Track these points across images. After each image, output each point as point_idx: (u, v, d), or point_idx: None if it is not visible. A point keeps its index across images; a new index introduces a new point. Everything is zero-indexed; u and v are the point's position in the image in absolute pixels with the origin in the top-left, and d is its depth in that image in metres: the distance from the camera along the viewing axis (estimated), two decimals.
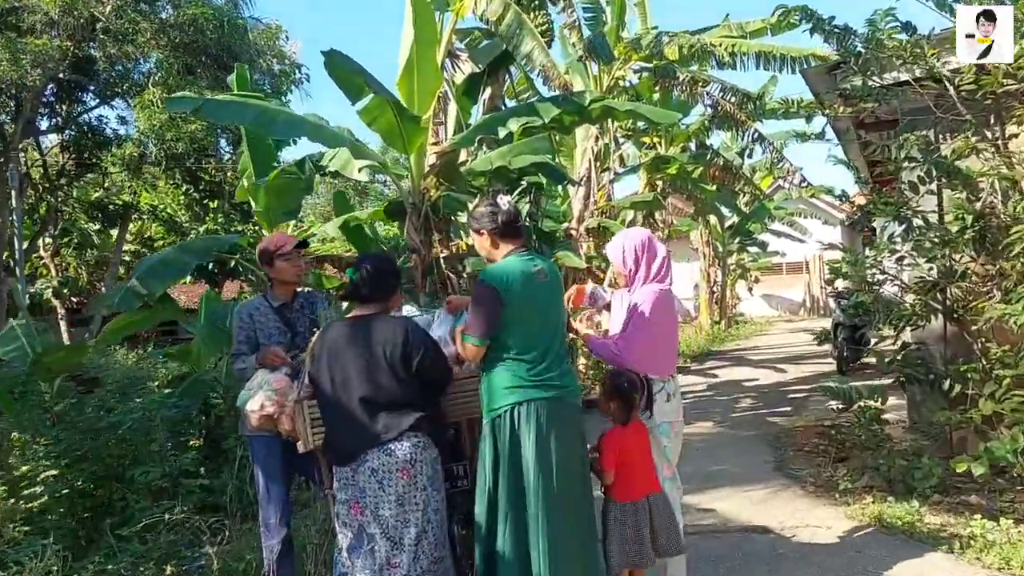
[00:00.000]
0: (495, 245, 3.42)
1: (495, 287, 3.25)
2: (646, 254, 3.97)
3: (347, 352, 3.26)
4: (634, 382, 3.59)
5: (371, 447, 3.20)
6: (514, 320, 3.25)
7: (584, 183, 11.92)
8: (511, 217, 3.39)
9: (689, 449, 7.15)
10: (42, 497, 4.99)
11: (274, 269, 4.12)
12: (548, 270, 3.38)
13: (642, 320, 3.84)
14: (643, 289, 3.90)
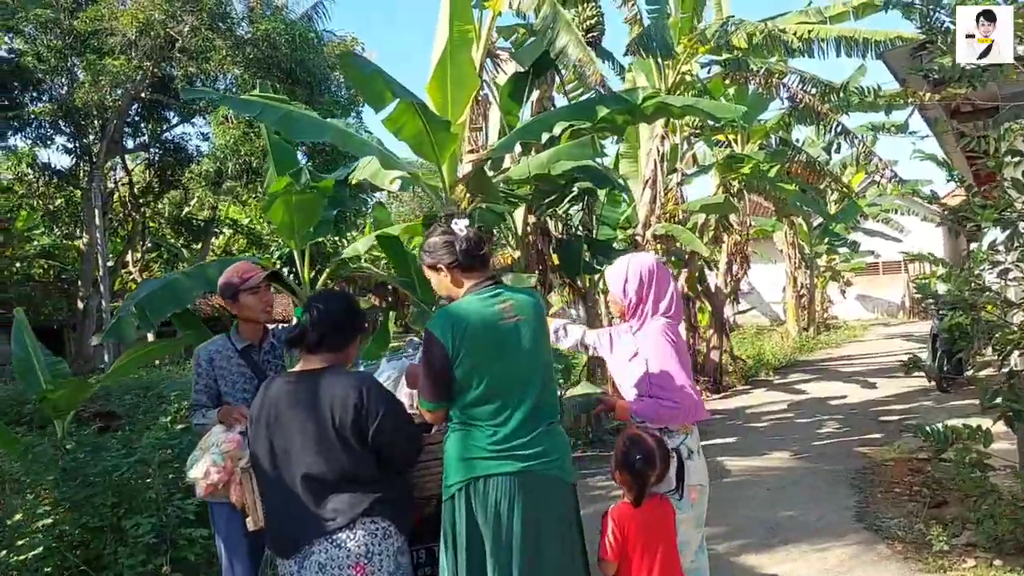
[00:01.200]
0: (457, 282, 2.77)
1: (440, 340, 2.61)
2: (653, 286, 3.29)
3: (289, 416, 2.63)
4: (650, 457, 2.85)
5: (317, 536, 2.57)
6: (469, 375, 2.59)
7: (650, 185, 11.11)
8: (472, 245, 2.73)
9: (757, 490, 6.34)
10: (36, 548, 4.63)
11: (238, 305, 3.51)
12: (520, 306, 2.69)
13: (674, 359, 3.18)
14: (653, 325, 3.23)
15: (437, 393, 2.65)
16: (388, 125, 6.15)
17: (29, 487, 5.29)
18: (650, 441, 2.88)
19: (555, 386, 2.81)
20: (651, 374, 3.14)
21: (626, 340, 3.32)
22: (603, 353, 3.50)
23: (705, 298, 13.67)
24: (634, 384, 3.22)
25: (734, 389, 13.20)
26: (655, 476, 2.86)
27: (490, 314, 2.64)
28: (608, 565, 2.88)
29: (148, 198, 24.02)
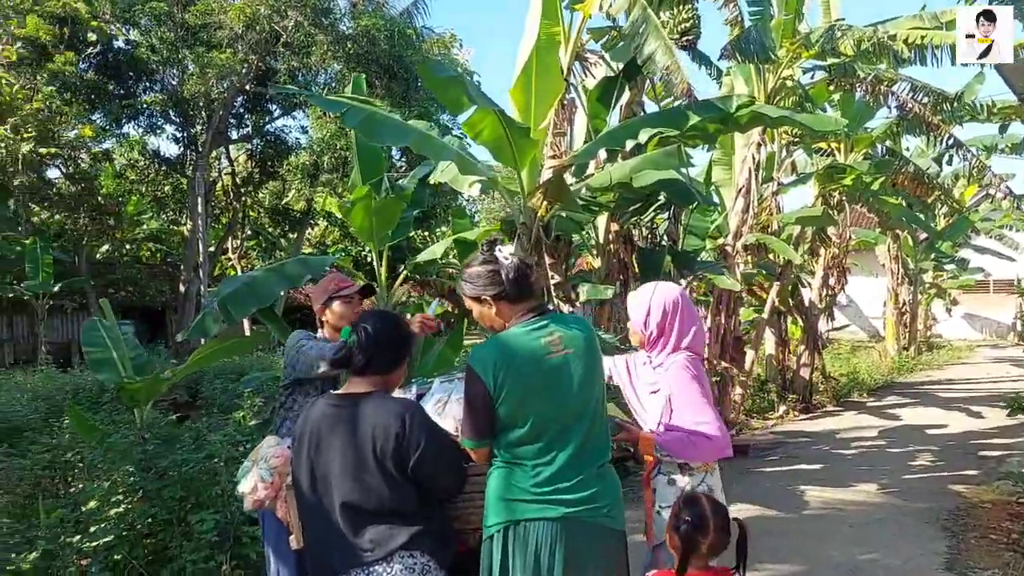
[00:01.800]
0: (502, 314, 2.60)
1: (480, 376, 2.45)
2: (676, 319, 3.10)
3: (330, 440, 2.53)
4: (702, 522, 2.51)
5: (353, 567, 2.47)
6: (513, 413, 2.44)
7: (743, 194, 10.71)
8: (519, 275, 2.56)
9: (838, 526, 5.98)
10: (108, 536, 4.74)
11: (329, 311, 3.62)
12: (569, 339, 2.51)
13: (698, 394, 3.01)
14: (674, 359, 3.05)
15: (479, 431, 2.51)
16: (467, 130, 6.08)
17: (105, 475, 5.43)
18: (706, 505, 2.58)
19: (606, 426, 2.63)
20: (675, 409, 2.99)
21: (644, 372, 3.16)
22: (618, 381, 3.31)
23: (797, 312, 13.15)
24: (657, 418, 3.06)
25: (824, 410, 12.64)
26: (706, 546, 2.52)
27: (536, 348, 2.48)
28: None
29: (249, 188, 24.76)
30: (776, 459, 8.73)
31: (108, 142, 22.63)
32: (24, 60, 17.99)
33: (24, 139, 17.31)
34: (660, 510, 2.98)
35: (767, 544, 5.62)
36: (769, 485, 7.42)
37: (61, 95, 18.53)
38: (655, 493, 3.03)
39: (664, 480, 3.02)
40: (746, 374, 11.76)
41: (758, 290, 12.43)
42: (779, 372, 13.22)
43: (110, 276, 23.12)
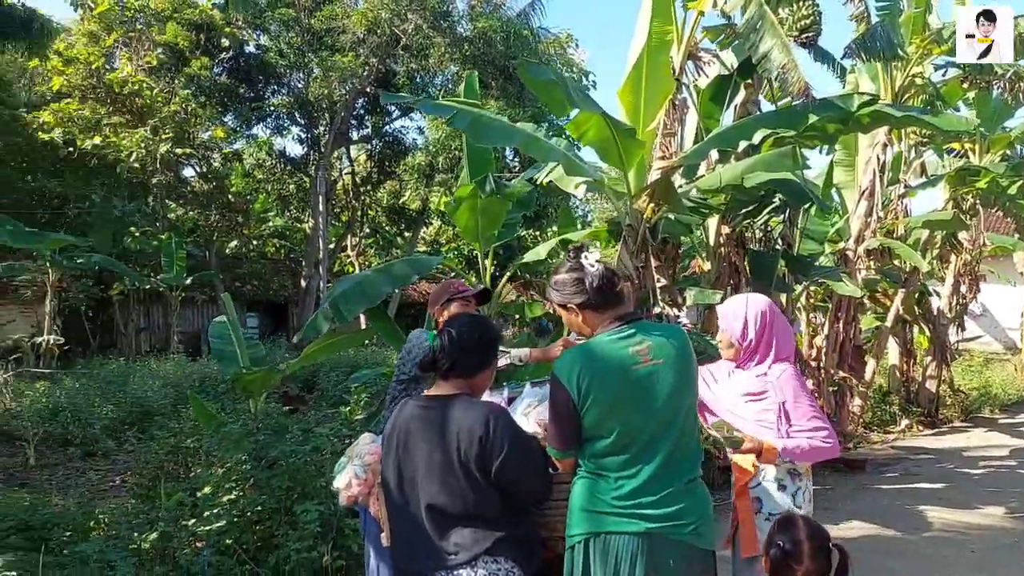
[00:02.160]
0: (589, 322, 2.56)
1: (565, 385, 2.42)
2: (771, 329, 3.14)
3: (416, 442, 2.57)
4: (795, 548, 2.41)
5: (438, 569, 2.49)
6: (597, 424, 2.40)
7: (867, 197, 10.24)
8: (604, 283, 2.51)
9: (960, 551, 5.63)
10: (220, 521, 4.96)
11: (447, 311, 3.63)
12: (659, 348, 2.44)
13: (810, 399, 3.12)
14: (781, 368, 3.11)
15: (564, 440, 2.49)
16: (571, 131, 6.05)
17: (220, 462, 5.69)
18: (803, 529, 2.46)
19: (697, 439, 2.56)
20: (791, 415, 3.02)
21: (738, 380, 3.16)
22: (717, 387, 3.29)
23: (924, 322, 12.46)
24: (755, 425, 3.05)
25: (951, 426, 11.93)
26: (800, 574, 2.41)
27: (623, 357, 2.43)
28: None
29: (367, 187, 25.50)
30: (896, 475, 8.29)
31: (238, 143, 23.78)
32: (163, 65, 19.13)
33: (162, 140, 18.39)
34: (771, 516, 2.94)
35: (883, 564, 5.35)
36: (887, 503, 7.06)
37: (196, 98, 19.61)
38: (759, 502, 2.99)
39: (774, 486, 3.01)
40: (866, 385, 11.24)
41: (881, 297, 11.84)
42: (903, 384, 12.56)
43: (237, 270, 24.28)
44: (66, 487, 7.23)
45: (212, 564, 4.68)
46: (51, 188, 21.66)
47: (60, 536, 4.97)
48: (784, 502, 2.97)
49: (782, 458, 2.96)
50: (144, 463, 6.90)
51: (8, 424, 10.05)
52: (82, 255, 18.77)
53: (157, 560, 4.78)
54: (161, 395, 11.18)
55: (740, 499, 3.06)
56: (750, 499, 3.03)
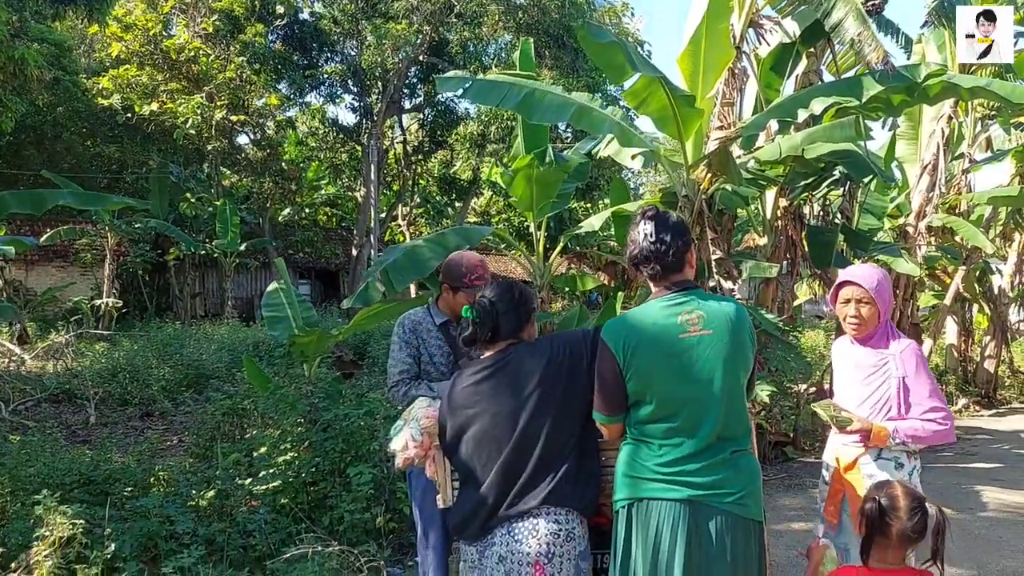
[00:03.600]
0: (644, 284, 2.57)
1: (611, 349, 2.41)
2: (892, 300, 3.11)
3: (487, 398, 2.62)
4: (893, 503, 2.36)
5: (497, 525, 2.54)
6: (641, 390, 2.39)
7: (929, 171, 9.97)
8: (645, 253, 2.46)
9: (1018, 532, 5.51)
10: (275, 480, 5.08)
11: (453, 294, 3.53)
12: (710, 319, 2.40)
13: (932, 377, 3.04)
14: (907, 341, 3.02)
15: (608, 406, 2.47)
16: (629, 99, 5.96)
17: (275, 424, 5.81)
18: (899, 489, 2.42)
19: (745, 412, 2.49)
20: (912, 391, 2.94)
21: (861, 355, 3.05)
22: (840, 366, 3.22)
23: (985, 301, 12.13)
24: (880, 403, 2.98)
25: (1009, 407, 11.63)
26: (895, 531, 2.35)
27: (670, 325, 2.39)
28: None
29: (419, 156, 25.55)
30: (951, 455, 8.13)
31: (292, 111, 23.96)
32: (219, 32, 19.30)
33: (218, 107, 18.61)
34: None
35: None
36: (941, 482, 6.92)
37: (251, 65, 19.76)
38: (871, 478, 2.92)
39: (891, 464, 2.96)
40: None
41: (941, 275, 11.55)
42: (960, 363, 12.28)
43: (290, 238, 24.61)
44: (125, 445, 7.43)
45: (268, 522, 4.78)
46: (110, 154, 22.16)
47: (121, 491, 5.11)
48: (901, 478, 2.89)
49: (894, 439, 2.90)
50: (201, 423, 7.07)
51: (70, 383, 10.35)
52: (139, 220, 19.22)
53: (215, 516, 4.89)
54: (216, 359, 11.44)
55: (850, 474, 3.00)
56: (863, 476, 2.97)
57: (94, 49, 23.60)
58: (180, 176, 21.54)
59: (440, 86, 6.48)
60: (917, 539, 2.37)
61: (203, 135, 18.87)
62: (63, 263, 20.90)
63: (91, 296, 18.43)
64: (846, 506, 3.00)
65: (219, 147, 19.43)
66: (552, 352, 2.59)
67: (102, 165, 23.04)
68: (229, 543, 4.58)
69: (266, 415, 6.01)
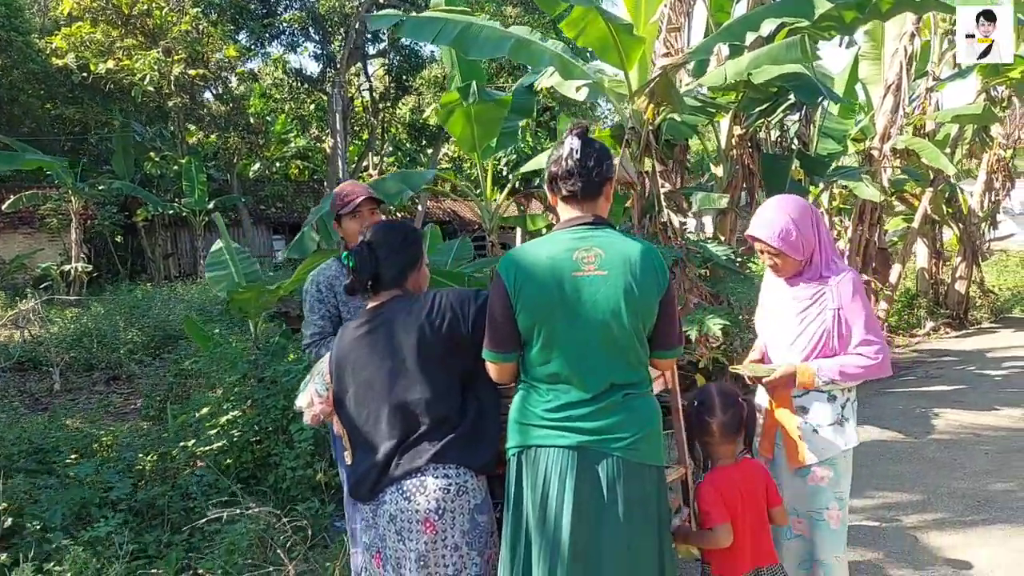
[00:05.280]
0: (558, 212, 2.38)
1: (504, 280, 2.25)
2: (819, 225, 2.85)
3: (365, 356, 2.47)
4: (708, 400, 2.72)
5: (387, 485, 2.40)
6: (529, 328, 2.24)
7: (893, 91, 9.76)
8: (569, 167, 2.27)
9: (973, 453, 5.49)
10: (220, 441, 4.97)
11: (341, 229, 3.45)
12: (609, 259, 2.22)
13: (870, 308, 2.84)
14: (844, 277, 2.80)
15: (495, 341, 2.30)
16: (567, 30, 5.73)
17: (219, 384, 5.68)
18: (714, 390, 2.77)
19: (641, 361, 2.33)
20: (845, 323, 2.76)
21: (794, 292, 2.87)
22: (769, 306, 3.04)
23: (954, 221, 12.05)
24: (815, 337, 2.80)
25: (979, 327, 11.66)
26: (716, 424, 2.67)
27: (564, 260, 2.23)
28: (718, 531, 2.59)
29: (386, 104, 25.05)
30: (914, 379, 8.11)
31: (253, 62, 23.38)
32: None
33: (175, 61, 18.10)
34: (819, 428, 2.80)
35: (887, 471, 5.24)
36: (902, 407, 6.90)
37: (207, 16, 19.17)
38: (804, 412, 2.83)
39: (824, 396, 2.82)
40: (891, 288, 10.97)
41: (910, 197, 11.43)
42: (931, 286, 12.25)
43: (260, 193, 24.21)
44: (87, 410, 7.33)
45: (211, 484, 4.69)
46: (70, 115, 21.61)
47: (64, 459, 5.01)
48: (832, 413, 2.79)
49: (819, 378, 2.73)
50: (153, 386, 6.96)
51: (35, 351, 10.20)
52: (103, 182, 18.83)
53: (158, 480, 4.80)
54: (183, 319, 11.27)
55: (782, 408, 2.88)
56: (794, 408, 2.85)
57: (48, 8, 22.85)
58: (144, 135, 21.05)
59: (373, 23, 6.22)
60: (736, 431, 2.69)
61: (163, 92, 18.38)
62: (30, 229, 20.50)
63: (60, 262, 18.13)
64: (780, 441, 2.90)
65: (181, 103, 18.95)
66: (432, 310, 2.42)
67: (63, 128, 22.49)
68: (170, 506, 4.50)
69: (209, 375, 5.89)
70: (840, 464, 2.82)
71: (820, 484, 2.81)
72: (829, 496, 2.81)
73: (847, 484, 2.87)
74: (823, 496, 2.81)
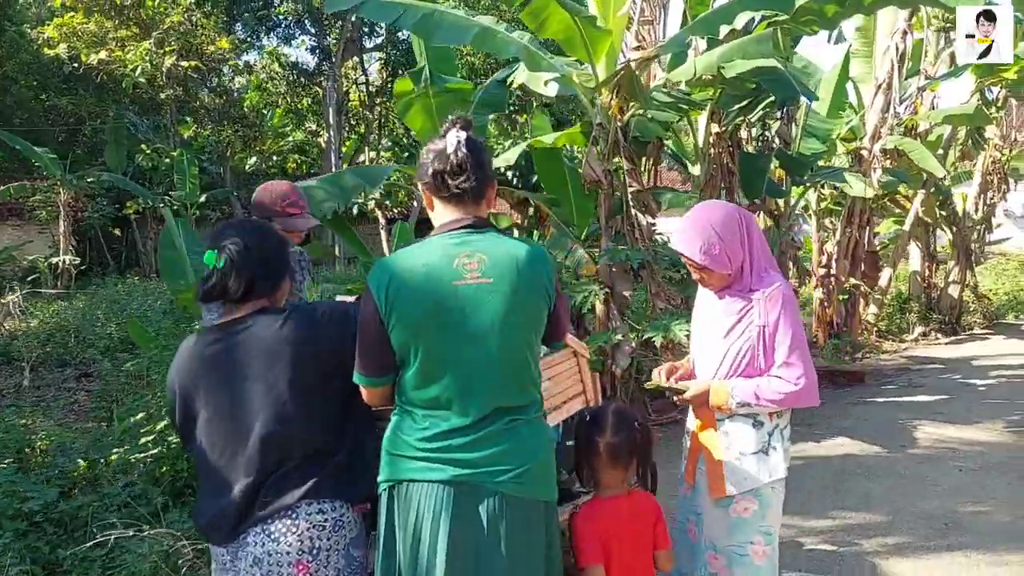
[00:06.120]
0: (432, 207, 2.10)
1: (372, 292, 1.99)
2: (750, 234, 2.54)
3: (222, 378, 2.13)
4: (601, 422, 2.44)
5: (251, 526, 2.10)
6: (404, 346, 1.98)
7: (884, 90, 9.49)
8: (459, 161, 2.00)
9: (946, 470, 5.24)
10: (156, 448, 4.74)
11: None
12: (492, 265, 1.97)
13: (798, 328, 2.51)
14: (772, 291, 2.49)
15: (366, 364, 2.04)
16: (528, 21, 5.49)
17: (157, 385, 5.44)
18: (608, 407, 2.53)
19: (532, 378, 2.09)
20: (773, 346, 2.47)
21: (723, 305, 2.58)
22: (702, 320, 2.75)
23: (948, 224, 11.76)
24: (740, 356, 2.51)
25: (971, 332, 11.38)
26: (604, 445, 2.39)
27: (444, 268, 1.96)
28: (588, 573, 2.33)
29: (383, 98, 24.78)
30: (895, 388, 7.85)
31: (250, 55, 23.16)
32: None
33: (167, 52, 17.89)
34: (742, 456, 2.52)
35: (856, 488, 4.98)
36: (880, 419, 6.64)
37: (201, 7, 18.96)
38: (727, 436, 2.56)
39: (748, 422, 2.54)
40: (882, 291, 10.71)
41: (902, 200, 11.13)
42: (924, 290, 11.96)
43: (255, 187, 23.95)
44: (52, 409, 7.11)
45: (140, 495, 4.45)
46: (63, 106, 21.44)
47: None
48: (756, 440, 2.52)
49: (732, 399, 2.47)
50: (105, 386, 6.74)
51: (9, 345, 10.01)
52: (92, 174, 18.64)
53: (89, 489, 4.58)
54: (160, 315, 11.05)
55: (706, 430, 2.62)
56: (718, 433, 2.58)
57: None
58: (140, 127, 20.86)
59: (328, 6, 5.95)
60: (626, 457, 2.41)
61: (156, 84, 18.17)
62: (19, 221, 20.33)
63: (49, 254, 17.94)
64: (702, 466, 2.63)
65: (173, 95, 18.74)
66: (310, 325, 2.13)
67: (57, 119, 22.32)
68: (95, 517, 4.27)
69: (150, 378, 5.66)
70: (767, 496, 2.54)
71: (743, 516, 2.53)
72: (753, 530, 2.53)
73: (775, 517, 2.59)
74: (746, 530, 2.54)
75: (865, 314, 10.70)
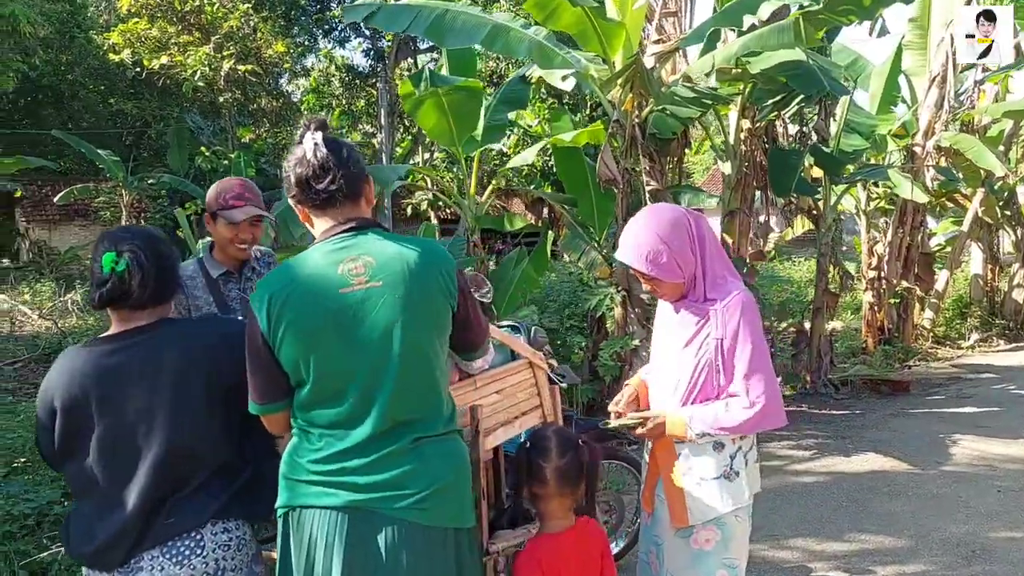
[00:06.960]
0: (308, 221, 1.95)
1: (255, 311, 1.83)
2: (701, 239, 2.30)
3: (120, 390, 1.95)
4: (545, 446, 2.24)
5: (148, 548, 1.93)
6: (295, 364, 1.82)
7: (938, 84, 9.00)
8: (322, 164, 1.85)
9: (982, 489, 4.86)
10: None
11: (213, 226, 3.03)
12: (380, 267, 1.81)
13: (760, 342, 2.27)
14: (730, 300, 2.26)
15: (259, 388, 1.88)
16: (534, 12, 5.32)
17: None
18: (551, 429, 2.36)
19: (438, 386, 1.92)
20: (732, 361, 2.25)
21: (680, 318, 2.36)
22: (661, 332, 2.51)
23: (1011, 225, 11.11)
24: (698, 373, 2.30)
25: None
26: (550, 470, 2.19)
27: (328, 276, 1.81)
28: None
29: None
30: (942, 398, 7.39)
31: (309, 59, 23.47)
32: None
33: (225, 56, 18.22)
34: (702, 482, 2.31)
35: (880, 508, 4.65)
36: (918, 431, 6.23)
37: (258, 12, 19.26)
38: (686, 460, 2.34)
39: (709, 447, 2.32)
40: (937, 296, 10.18)
41: (962, 199, 10.55)
42: (987, 294, 11.33)
43: None
44: None
45: None
46: (128, 110, 22.07)
47: None
48: (717, 465, 2.30)
49: (690, 429, 2.26)
50: None
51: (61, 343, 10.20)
52: (153, 176, 19.11)
53: None
54: None
55: (664, 458, 2.39)
56: (676, 458, 2.36)
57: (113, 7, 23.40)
58: (202, 131, 21.31)
59: (346, 16, 5.90)
60: (575, 480, 2.23)
61: (215, 87, 18.52)
62: (85, 221, 21.00)
63: None
64: (661, 493, 2.41)
65: (232, 99, 19.07)
66: (224, 336, 2.01)
67: (123, 122, 22.98)
68: None
69: None
70: (730, 525, 2.30)
71: (704, 548, 2.30)
72: (715, 563, 2.30)
73: (740, 548, 2.34)
74: (708, 562, 2.30)
75: (920, 319, 10.19)
